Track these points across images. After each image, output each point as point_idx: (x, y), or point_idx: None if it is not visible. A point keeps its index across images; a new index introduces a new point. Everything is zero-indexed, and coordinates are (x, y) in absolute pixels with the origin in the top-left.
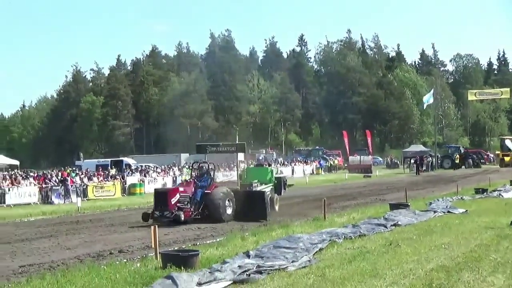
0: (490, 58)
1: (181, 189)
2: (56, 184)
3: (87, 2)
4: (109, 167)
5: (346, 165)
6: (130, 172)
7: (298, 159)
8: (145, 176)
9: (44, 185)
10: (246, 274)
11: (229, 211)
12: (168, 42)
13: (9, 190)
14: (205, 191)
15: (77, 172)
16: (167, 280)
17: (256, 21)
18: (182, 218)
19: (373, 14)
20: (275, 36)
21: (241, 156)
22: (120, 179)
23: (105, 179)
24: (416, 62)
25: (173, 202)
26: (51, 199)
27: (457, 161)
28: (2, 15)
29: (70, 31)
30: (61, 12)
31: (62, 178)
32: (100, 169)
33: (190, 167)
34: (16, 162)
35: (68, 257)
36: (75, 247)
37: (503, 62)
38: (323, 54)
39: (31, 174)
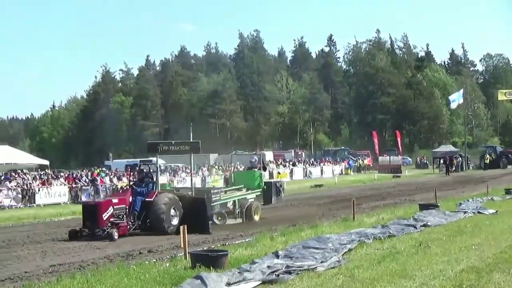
0: None
1: (114, 200)
2: (86, 184)
3: (116, 3)
4: (138, 167)
5: (375, 165)
6: (160, 172)
7: (327, 159)
8: (174, 176)
9: (74, 185)
10: (275, 275)
11: (175, 221)
12: (197, 42)
13: (39, 190)
14: (146, 199)
15: (107, 172)
16: (196, 280)
17: (285, 21)
18: (116, 237)
19: (402, 13)
20: (304, 36)
21: (269, 155)
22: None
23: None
24: (446, 62)
25: (105, 218)
26: (81, 199)
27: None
28: (33, 16)
29: (100, 32)
30: (91, 12)
31: (91, 178)
32: (129, 169)
33: (128, 172)
34: (46, 162)
35: (98, 257)
36: (105, 247)
37: None
38: (352, 54)
39: (62, 174)
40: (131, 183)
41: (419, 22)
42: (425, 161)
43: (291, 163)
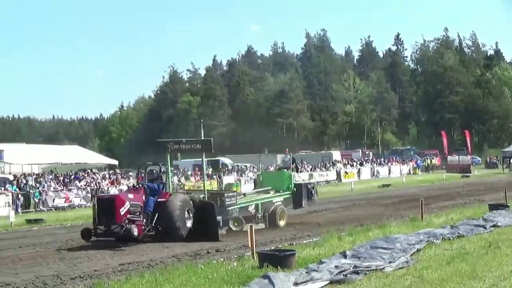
0: None
1: (130, 195)
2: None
3: (184, 4)
4: (206, 167)
5: (444, 165)
6: (227, 171)
7: (395, 158)
8: (241, 175)
9: None
10: (343, 274)
11: (188, 224)
12: (263, 42)
13: (108, 189)
14: (158, 200)
15: (175, 171)
16: (263, 279)
17: (352, 20)
18: (136, 234)
19: (470, 12)
20: (371, 35)
21: (337, 154)
22: (217, 179)
23: (201, 179)
24: None
25: (122, 213)
26: None
27: None
28: (101, 17)
29: (167, 32)
30: (158, 13)
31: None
32: (197, 169)
33: (138, 171)
34: (115, 162)
35: (166, 256)
36: (173, 246)
37: None
38: (419, 53)
39: (130, 174)
40: (141, 183)
41: (488, 20)
42: (494, 161)
43: (358, 162)
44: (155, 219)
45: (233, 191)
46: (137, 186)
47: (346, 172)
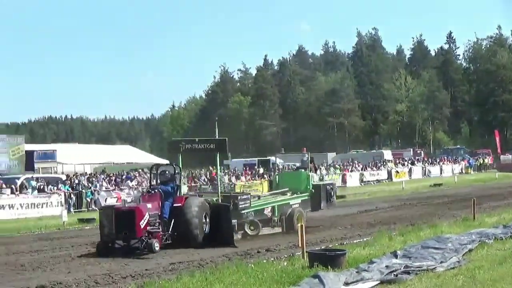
0: None
1: (149, 205)
2: (204, 183)
3: (235, 2)
4: (257, 166)
5: (497, 164)
6: (278, 171)
7: (447, 158)
8: None
9: (193, 184)
10: (394, 274)
11: (206, 229)
12: (314, 41)
13: None
14: (174, 205)
15: (226, 171)
16: (314, 279)
17: (403, 19)
18: (157, 248)
19: None
20: (422, 33)
21: (388, 154)
22: (268, 178)
23: (252, 178)
24: None
25: (142, 226)
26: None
27: None
28: (153, 18)
29: (218, 32)
30: (209, 13)
31: (210, 177)
32: (248, 168)
33: (150, 172)
34: (166, 162)
35: (216, 255)
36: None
37: None
38: (472, 51)
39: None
40: (152, 187)
41: None
42: None
43: (409, 162)
44: (171, 226)
45: (247, 193)
46: (153, 192)
47: (397, 172)
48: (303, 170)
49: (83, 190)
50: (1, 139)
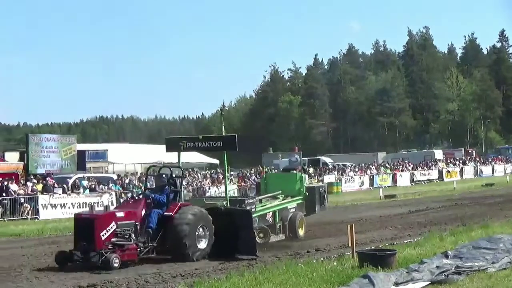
0: None
1: (119, 214)
2: (254, 182)
3: (285, 2)
4: (306, 166)
5: None
6: (328, 171)
7: (499, 157)
8: (342, 175)
9: (243, 184)
10: (444, 275)
11: (202, 244)
12: (364, 40)
13: (209, 188)
14: (165, 213)
15: (275, 170)
16: (363, 279)
17: (455, 17)
18: (115, 265)
19: None
20: (474, 32)
21: (439, 153)
22: (317, 178)
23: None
24: None
25: (103, 238)
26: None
27: None
28: (201, 18)
29: (269, 32)
30: (259, 13)
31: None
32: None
33: (146, 174)
34: (216, 161)
35: (266, 255)
36: (273, 245)
37: None
38: None
39: (232, 173)
40: (146, 191)
41: None
42: None
43: (461, 161)
44: (158, 237)
45: (252, 197)
46: (137, 198)
47: (448, 171)
48: (294, 171)
49: (134, 190)
50: (53, 139)
